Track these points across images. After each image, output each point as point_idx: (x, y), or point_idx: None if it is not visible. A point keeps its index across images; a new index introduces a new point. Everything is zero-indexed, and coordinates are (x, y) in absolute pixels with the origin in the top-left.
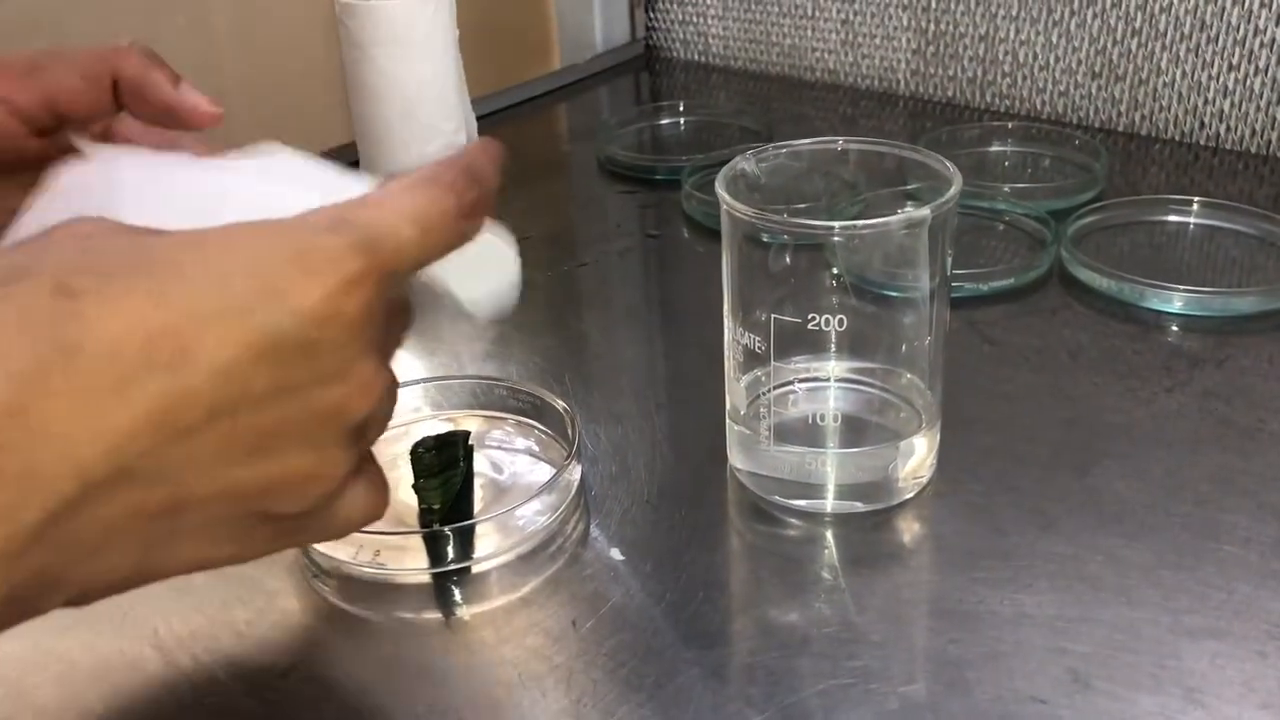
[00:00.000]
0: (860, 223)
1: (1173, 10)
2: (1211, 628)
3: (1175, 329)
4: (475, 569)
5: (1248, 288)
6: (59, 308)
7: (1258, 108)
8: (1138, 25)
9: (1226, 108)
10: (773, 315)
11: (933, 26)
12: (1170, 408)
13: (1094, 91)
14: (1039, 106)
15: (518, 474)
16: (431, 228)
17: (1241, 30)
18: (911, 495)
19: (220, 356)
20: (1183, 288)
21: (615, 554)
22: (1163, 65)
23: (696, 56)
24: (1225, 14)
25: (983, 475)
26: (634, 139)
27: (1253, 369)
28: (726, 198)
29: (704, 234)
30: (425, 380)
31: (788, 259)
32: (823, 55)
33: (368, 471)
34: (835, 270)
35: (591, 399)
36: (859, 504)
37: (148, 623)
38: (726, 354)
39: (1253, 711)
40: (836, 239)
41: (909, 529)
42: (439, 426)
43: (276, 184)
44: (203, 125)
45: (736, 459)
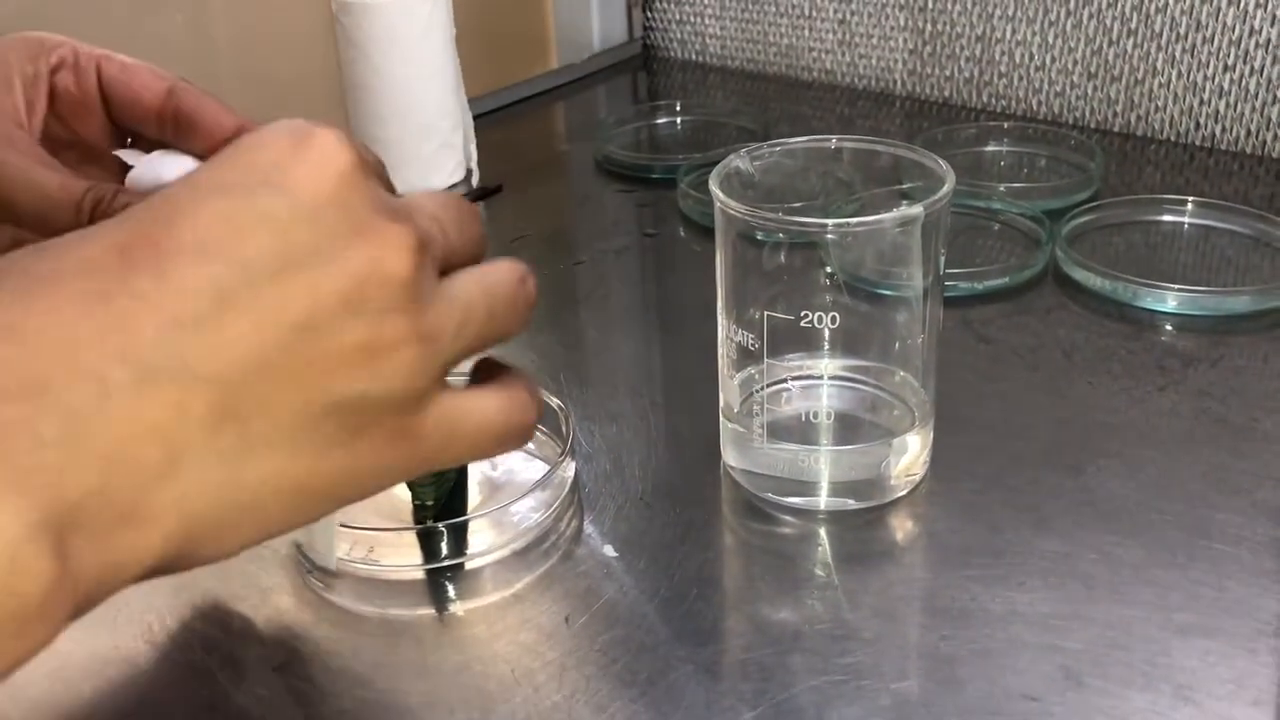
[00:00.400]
0: (853, 220)
1: (1168, 11)
2: (1203, 625)
3: (1169, 328)
4: (469, 565)
5: (1242, 287)
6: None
7: (1253, 108)
8: (1133, 26)
9: (1222, 108)
10: (766, 313)
11: (929, 27)
12: (1164, 407)
13: (1090, 92)
14: (1035, 107)
15: (512, 470)
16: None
17: (1237, 31)
18: (904, 493)
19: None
20: (1177, 287)
21: (609, 550)
22: (1158, 65)
23: (694, 56)
24: (1220, 15)
25: (976, 473)
26: (631, 138)
27: (1246, 368)
28: (720, 195)
29: (700, 233)
30: None
31: (781, 256)
32: (820, 55)
33: (500, 377)
34: (829, 268)
35: (586, 396)
36: (852, 501)
37: (141, 618)
38: (720, 351)
39: (1243, 708)
40: (830, 237)
41: (902, 526)
42: None
43: None
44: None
45: (730, 456)
